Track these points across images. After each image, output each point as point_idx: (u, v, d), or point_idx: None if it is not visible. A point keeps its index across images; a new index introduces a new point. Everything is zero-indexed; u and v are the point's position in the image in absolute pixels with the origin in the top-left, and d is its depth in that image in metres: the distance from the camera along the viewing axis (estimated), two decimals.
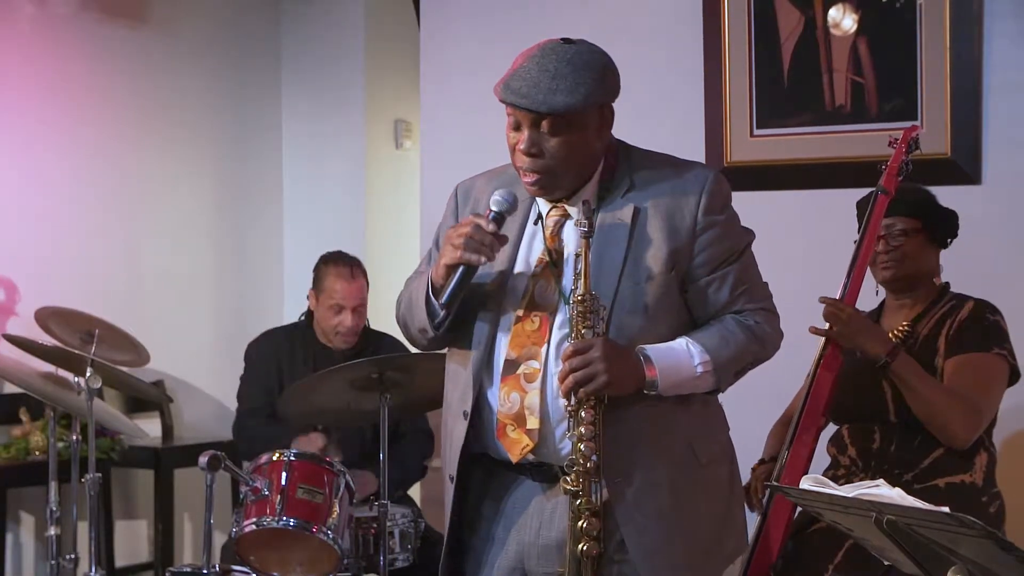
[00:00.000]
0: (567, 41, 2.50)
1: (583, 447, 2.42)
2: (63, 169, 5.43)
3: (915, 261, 3.38)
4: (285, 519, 3.51)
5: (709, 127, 4.49)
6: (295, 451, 3.65)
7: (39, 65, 5.34)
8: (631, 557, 2.49)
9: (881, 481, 1.93)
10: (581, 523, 2.44)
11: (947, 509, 1.78)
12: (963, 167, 4.14)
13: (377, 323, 4.56)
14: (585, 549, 2.44)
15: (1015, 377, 3.33)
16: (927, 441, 3.24)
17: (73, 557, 4.06)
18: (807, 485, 2.01)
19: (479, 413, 2.56)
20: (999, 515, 3.29)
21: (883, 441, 3.31)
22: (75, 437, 4.06)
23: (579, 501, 2.44)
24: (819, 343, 3.32)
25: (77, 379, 3.92)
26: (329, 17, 6.41)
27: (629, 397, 2.46)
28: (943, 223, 3.40)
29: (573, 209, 2.52)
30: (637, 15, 4.68)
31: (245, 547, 3.56)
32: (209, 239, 6.11)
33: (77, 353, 4.03)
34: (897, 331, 3.37)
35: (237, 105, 6.26)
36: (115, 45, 5.64)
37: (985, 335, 3.28)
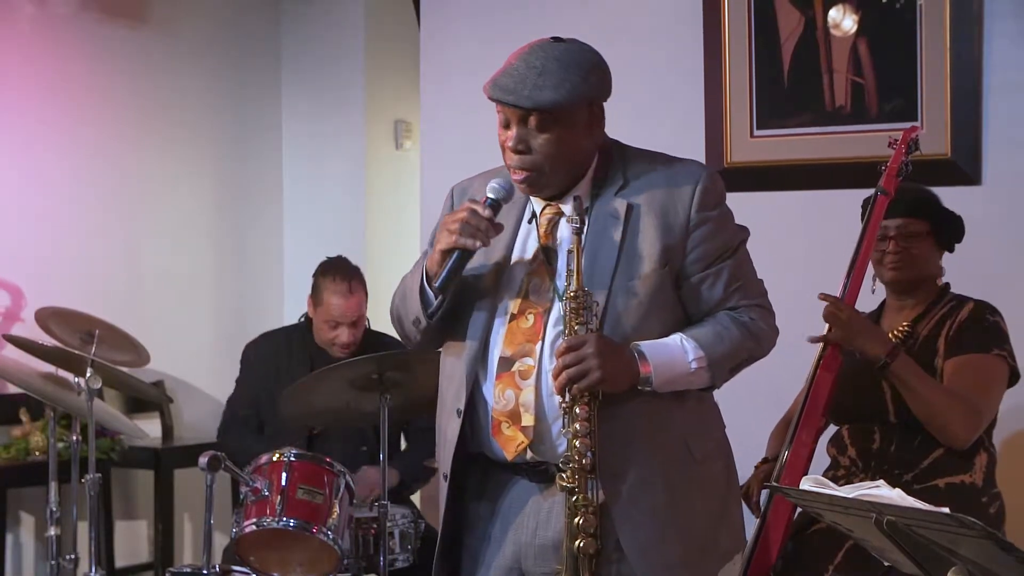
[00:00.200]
0: (557, 40, 2.51)
1: (578, 444, 2.42)
2: (63, 169, 5.42)
3: (923, 263, 3.38)
4: (285, 519, 3.51)
5: (709, 127, 4.49)
6: (295, 451, 3.66)
7: (39, 65, 5.34)
8: (627, 555, 2.48)
9: (881, 482, 1.93)
10: (578, 520, 2.44)
11: (947, 510, 1.78)
12: (963, 167, 4.14)
13: (377, 324, 4.56)
14: (582, 546, 2.44)
15: (1015, 378, 3.33)
16: (927, 441, 3.24)
17: (73, 557, 4.06)
18: (807, 486, 2.01)
19: (474, 411, 2.56)
20: (999, 515, 3.29)
21: (883, 441, 3.31)
22: (75, 437, 4.06)
23: (575, 498, 2.44)
24: (819, 343, 3.32)
25: (77, 379, 3.92)
26: (329, 17, 6.40)
27: (624, 394, 2.46)
28: (952, 227, 3.41)
29: (567, 207, 2.52)
30: (637, 15, 4.68)
31: (245, 547, 3.56)
32: (209, 239, 6.10)
33: (77, 353, 4.03)
34: (897, 331, 3.37)
35: (237, 105, 6.26)
36: (115, 45, 5.64)
37: (985, 336, 3.28)
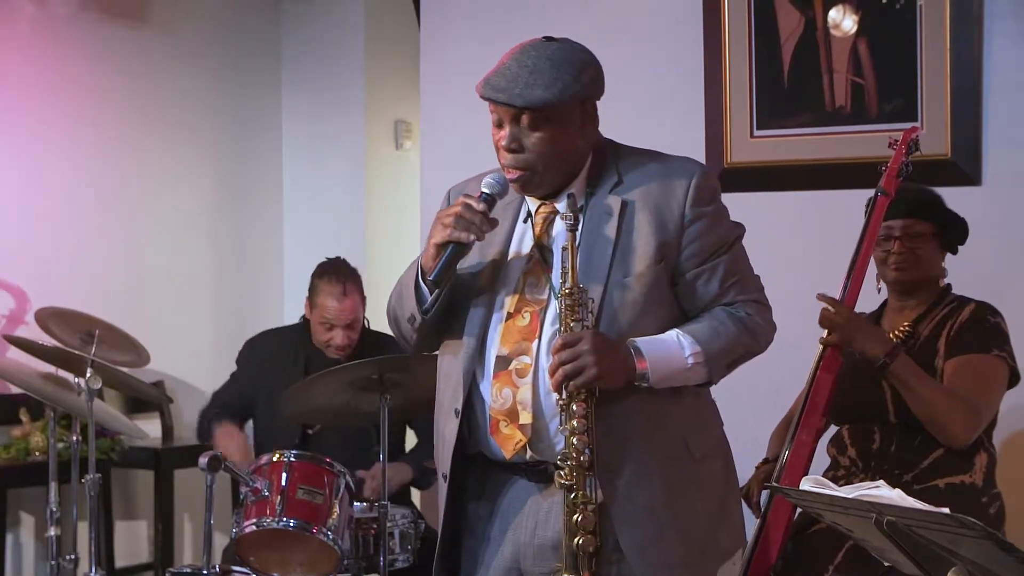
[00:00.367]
0: (549, 39, 2.52)
1: (575, 441, 2.41)
2: (63, 169, 5.43)
3: (926, 265, 3.38)
4: (285, 520, 3.51)
5: (709, 127, 4.49)
6: (295, 452, 3.66)
7: (39, 65, 5.34)
8: (625, 554, 2.48)
9: (881, 482, 1.93)
10: (576, 517, 2.43)
11: (947, 510, 1.78)
12: (963, 168, 4.14)
13: (377, 324, 4.55)
14: (581, 543, 2.43)
15: (1015, 379, 3.33)
16: (927, 442, 3.24)
17: (73, 557, 4.06)
18: (807, 486, 2.01)
19: (471, 411, 2.56)
20: (999, 516, 3.29)
21: (883, 442, 3.31)
22: (75, 437, 4.06)
23: (574, 495, 2.43)
24: (819, 343, 3.32)
25: (77, 380, 3.92)
26: (329, 17, 6.40)
27: (621, 390, 2.46)
28: (956, 229, 3.41)
29: (561, 205, 2.53)
30: (637, 15, 4.68)
31: (245, 548, 3.57)
32: (209, 239, 6.11)
33: (77, 354, 4.03)
34: (898, 332, 3.37)
35: (237, 105, 6.26)
36: (115, 45, 5.64)
37: (985, 337, 3.28)
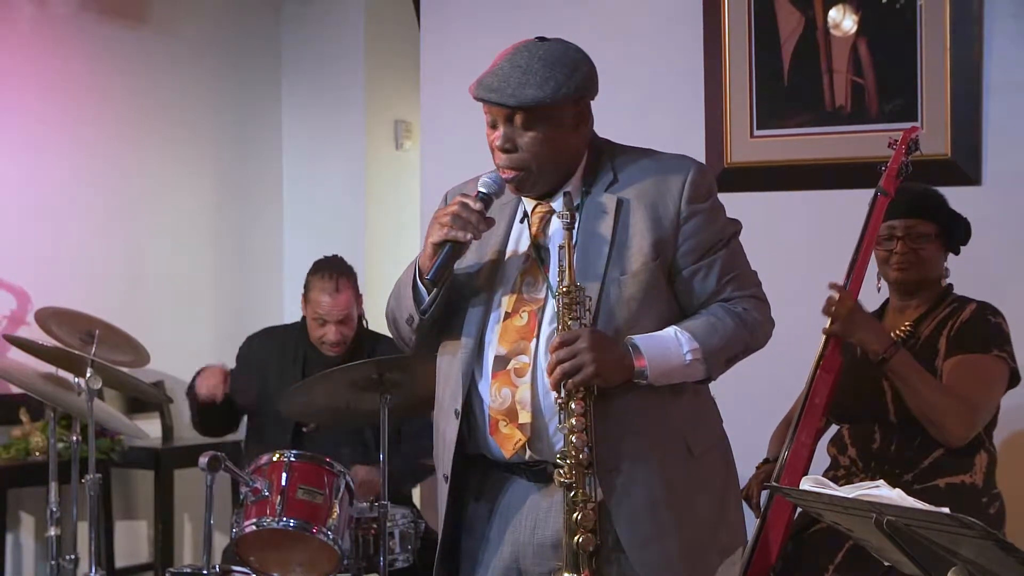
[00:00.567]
0: (542, 39, 2.53)
1: (574, 439, 2.41)
2: (63, 169, 5.42)
3: (929, 265, 3.37)
4: (285, 520, 3.51)
5: (709, 127, 4.49)
6: (295, 452, 3.66)
7: (39, 65, 5.34)
8: (625, 551, 2.48)
9: (881, 482, 1.93)
10: (576, 515, 2.43)
11: (947, 510, 1.78)
12: (963, 167, 4.14)
13: (375, 324, 4.55)
14: (581, 542, 2.43)
15: (1015, 380, 3.33)
16: (927, 441, 3.24)
17: (73, 557, 4.06)
18: (807, 486, 2.01)
19: (471, 411, 2.56)
20: (999, 516, 3.29)
21: (883, 441, 3.31)
22: (75, 438, 4.06)
23: (573, 493, 2.43)
24: (819, 343, 3.32)
25: (77, 380, 3.92)
26: (329, 17, 6.40)
27: (619, 388, 2.46)
28: (959, 229, 3.41)
29: (557, 204, 2.53)
30: (637, 15, 4.68)
31: (245, 548, 3.57)
32: (209, 239, 6.11)
33: (77, 354, 4.03)
34: (899, 332, 3.37)
35: (237, 105, 6.26)
36: (115, 45, 5.64)
37: (986, 337, 3.28)
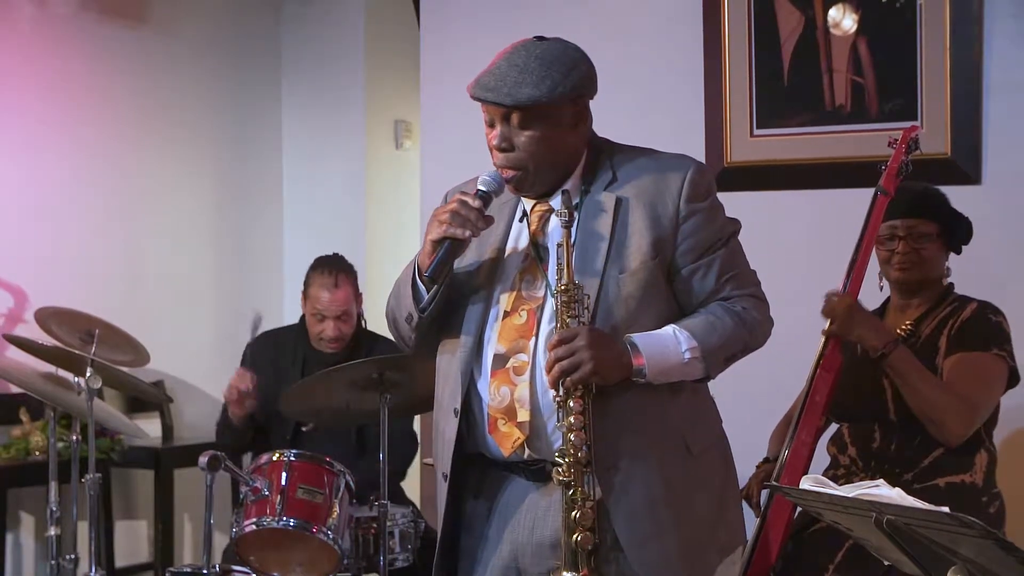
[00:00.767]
0: (540, 39, 2.53)
1: (573, 437, 2.41)
2: (63, 169, 5.43)
3: (930, 265, 3.37)
4: (285, 519, 3.51)
5: (709, 127, 4.49)
6: (295, 451, 3.66)
7: (39, 65, 5.34)
8: (624, 549, 2.48)
9: (881, 481, 1.93)
10: (575, 514, 2.43)
11: (947, 509, 1.78)
12: (963, 167, 4.14)
13: (375, 324, 4.55)
14: (580, 540, 2.43)
15: (1015, 380, 3.33)
16: (927, 441, 3.24)
17: (73, 557, 4.06)
18: (807, 485, 2.00)
19: (469, 409, 2.56)
20: (999, 515, 3.29)
21: (883, 440, 3.31)
22: (75, 437, 4.06)
23: (572, 492, 2.43)
24: (818, 342, 3.32)
25: (77, 379, 3.92)
26: (329, 17, 6.41)
27: (618, 386, 2.46)
28: (961, 229, 3.40)
29: (556, 203, 2.54)
30: (637, 15, 4.68)
31: (245, 547, 3.56)
32: (209, 239, 6.11)
33: (77, 353, 4.03)
34: (900, 331, 3.37)
35: (237, 105, 6.26)
36: (115, 45, 5.64)
37: (986, 336, 3.28)
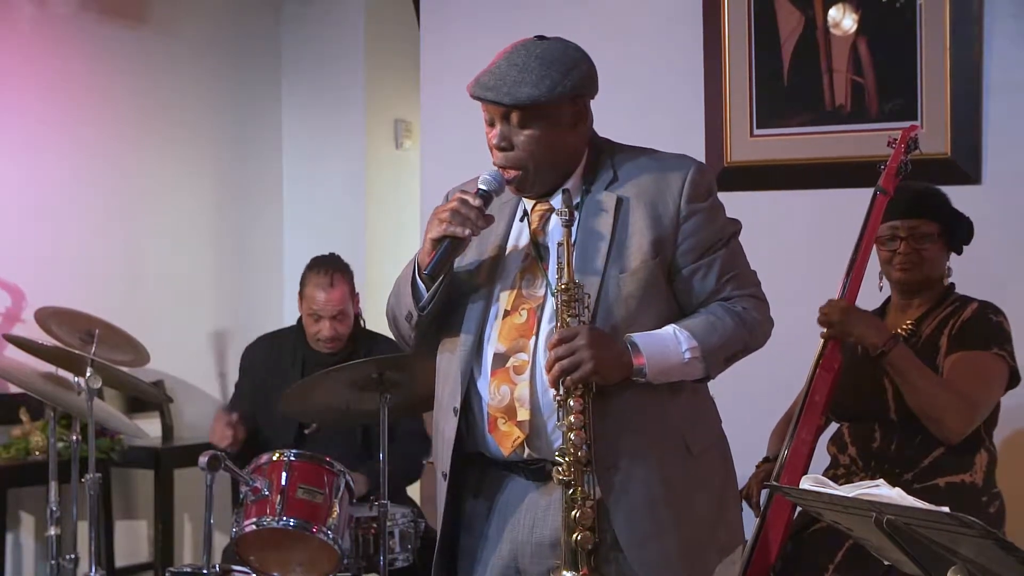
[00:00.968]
0: (541, 38, 2.53)
1: (573, 436, 2.41)
2: (63, 169, 5.42)
3: (932, 265, 3.37)
4: (285, 519, 3.51)
5: (709, 127, 4.49)
6: (295, 451, 3.66)
7: (39, 65, 5.34)
8: (623, 549, 2.48)
9: (881, 481, 1.93)
10: (575, 513, 2.43)
11: (947, 509, 1.78)
12: (963, 167, 4.14)
13: (375, 324, 4.55)
14: (580, 539, 2.43)
15: (1015, 380, 3.32)
16: (927, 440, 3.24)
17: (73, 557, 4.06)
18: (807, 485, 2.00)
19: (469, 408, 2.56)
20: (999, 515, 3.29)
21: (883, 440, 3.31)
22: (75, 437, 4.06)
23: (572, 491, 2.43)
24: (818, 342, 3.32)
25: (77, 379, 3.92)
26: (329, 17, 6.41)
27: (618, 386, 2.46)
28: (962, 229, 3.40)
29: (557, 202, 2.54)
30: (637, 15, 4.68)
31: (245, 547, 3.56)
32: (209, 239, 6.10)
33: (77, 353, 4.03)
34: (901, 331, 3.37)
35: (237, 105, 6.26)
36: (115, 45, 5.64)
37: (986, 335, 3.28)
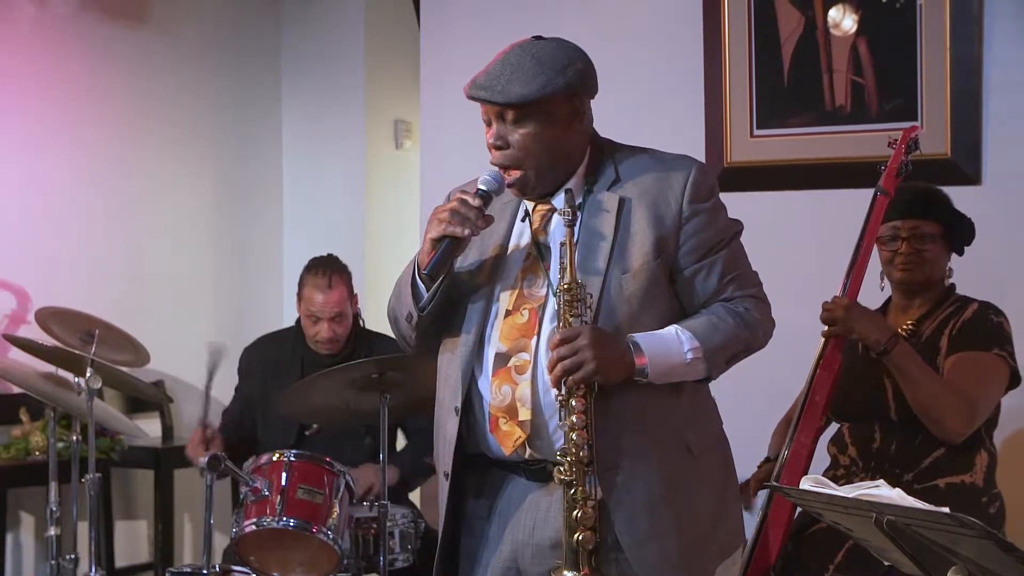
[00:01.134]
0: (538, 39, 2.54)
1: (575, 436, 2.42)
2: (63, 169, 5.42)
3: (933, 265, 3.38)
4: (285, 519, 3.51)
5: (709, 127, 4.49)
6: (295, 451, 3.66)
7: (39, 65, 5.34)
8: (623, 549, 2.48)
9: (881, 481, 1.93)
10: (576, 513, 2.43)
11: (947, 509, 1.78)
12: (963, 167, 4.14)
13: (375, 324, 4.55)
14: (581, 539, 2.43)
15: (1016, 381, 3.33)
16: (927, 441, 3.24)
17: (73, 557, 4.07)
18: (807, 485, 2.01)
19: (470, 408, 2.56)
20: (999, 516, 3.29)
21: (883, 441, 3.31)
22: (75, 437, 4.07)
23: (573, 491, 2.43)
24: (819, 342, 3.32)
25: (77, 379, 3.92)
26: (329, 17, 6.41)
27: (620, 386, 2.46)
28: (963, 230, 3.40)
29: (558, 202, 2.54)
30: (637, 15, 4.68)
31: (245, 548, 3.57)
32: (209, 239, 6.10)
33: (77, 353, 4.03)
34: (901, 331, 3.37)
35: (237, 105, 6.26)
36: (115, 45, 5.64)
37: (987, 336, 3.28)
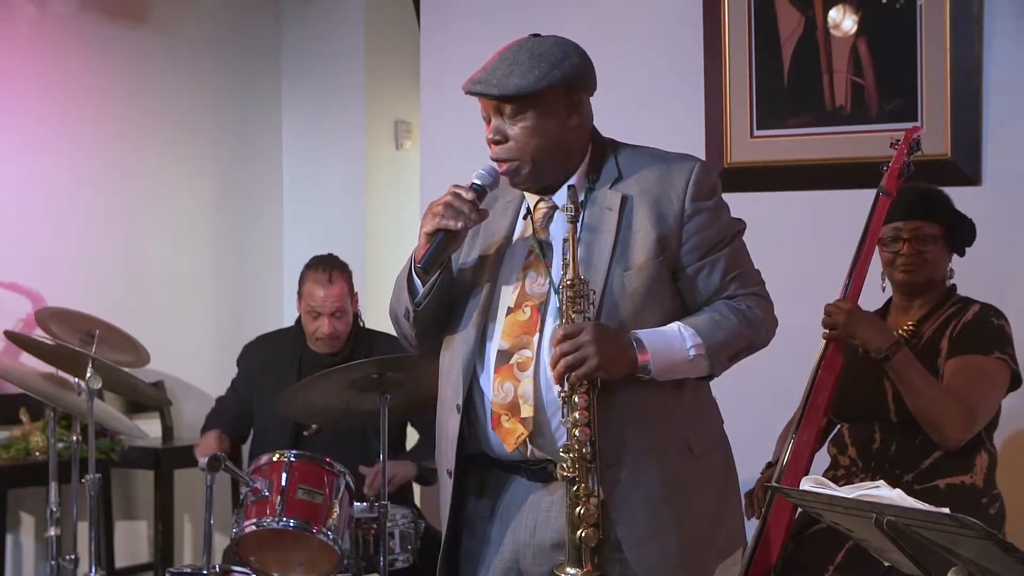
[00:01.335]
0: (536, 36, 2.55)
1: (578, 433, 2.42)
2: (63, 169, 5.42)
3: (935, 266, 3.37)
4: (285, 520, 3.51)
5: (709, 127, 4.49)
6: (295, 452, 3.66)
7: (39, 65, 5.34)
8: (623, 547, 2.48)
9: (881, 482, 1.93)
10: (579, 510, 2.43)
11: (947, 510, 1.78)
12: (963, 167, 4.14)
13: (375, 324, 4.55)
14: (584, 536, 2.43)
15: (1016, 383, 3.32)
16: (928, 442, 3.24)
17: (73, 557, 4.06)
18: (807, 486, 2.01)
19: (472, 406, 2.56)
20: (999, 516, 3.29)
21: (883, 441, 3.31)
22: (75, 437, 4.06)
23: (576, 488, 2.43)
24: (820, 343, 3.32)
25: (77, 380, 3.92)
26: (329, 17, 6.40)
27: (622, 383, 2.46)
28: (964, 231, 3.40)
29: (559, 199, 2.55)
30: (637, 15, 4.68)
31: (245, 548, 3.57)
32: (209, 239, 6.10)
33: (78, 351, 4.03)
34: (902, 332, 3.37)
35: (237, 105, 6.26)
36: (115, 45, 5.64)
37: (988, 338, 3.28)
